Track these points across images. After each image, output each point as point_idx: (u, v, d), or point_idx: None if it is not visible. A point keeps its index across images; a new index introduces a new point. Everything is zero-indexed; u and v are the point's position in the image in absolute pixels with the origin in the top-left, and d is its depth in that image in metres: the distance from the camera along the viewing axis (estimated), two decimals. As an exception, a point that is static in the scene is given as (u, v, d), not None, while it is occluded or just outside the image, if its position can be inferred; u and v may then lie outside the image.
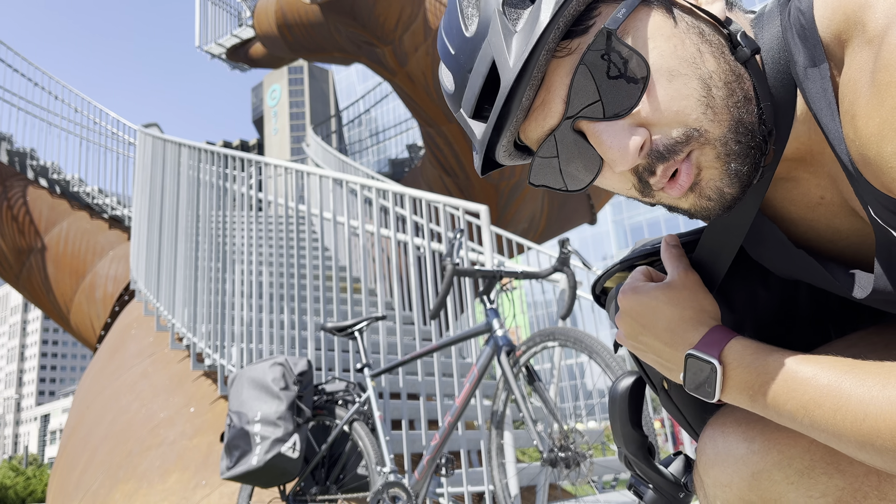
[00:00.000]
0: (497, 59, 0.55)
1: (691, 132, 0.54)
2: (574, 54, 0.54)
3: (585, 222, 10.04)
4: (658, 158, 0.55)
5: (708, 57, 0.54)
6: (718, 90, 0.54)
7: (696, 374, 0.60)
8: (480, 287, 2.38)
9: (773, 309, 0.72)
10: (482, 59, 0.56)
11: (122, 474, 3.97)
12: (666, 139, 0.54)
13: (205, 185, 4.60)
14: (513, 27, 0.54)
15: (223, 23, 11.08)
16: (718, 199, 0.56)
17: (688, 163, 0.55)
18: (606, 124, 0.55)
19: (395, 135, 15.20)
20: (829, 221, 0.62)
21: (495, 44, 0.55)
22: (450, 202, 3.59)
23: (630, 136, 0.54)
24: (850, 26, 0.51)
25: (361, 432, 2.44)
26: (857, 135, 0.50)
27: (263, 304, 3.81)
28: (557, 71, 0.55)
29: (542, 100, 0.56)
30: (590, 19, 0.54)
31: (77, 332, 7.92)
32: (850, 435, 0.51)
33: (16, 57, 8.36)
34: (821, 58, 0.53)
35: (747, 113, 0.55)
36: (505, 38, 0.54)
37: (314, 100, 70.54)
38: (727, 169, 0.55)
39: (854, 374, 0.52)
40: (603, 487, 4.42)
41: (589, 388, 4.11)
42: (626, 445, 0.75)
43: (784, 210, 0.65)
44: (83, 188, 8.17)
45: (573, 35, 0.54)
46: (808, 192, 0.62)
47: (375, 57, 7.81)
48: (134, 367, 5.02)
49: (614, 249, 58.42)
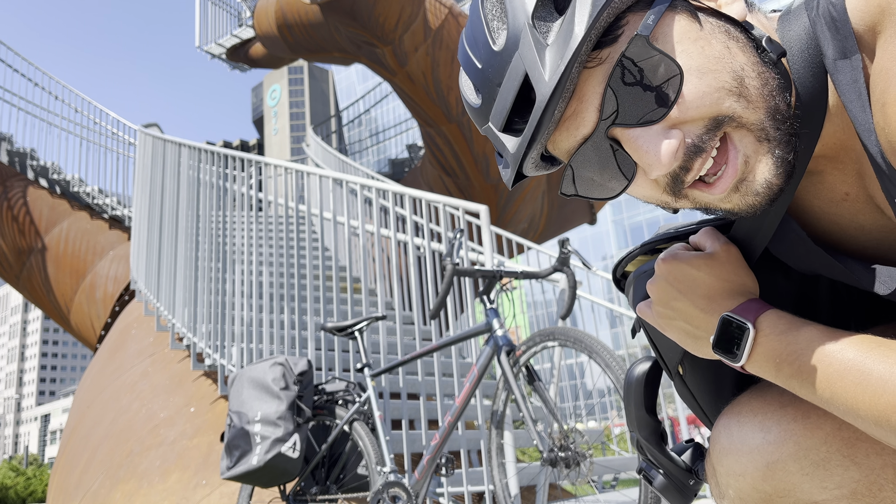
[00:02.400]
0: (531, 73, 0.55)
1: (721, 118, 0.54)
2: (605, 64, 0.55)
3: (585, 222, 10.04)
4: (694, 153, 0.55)
5: (737, 52, 0.55)
6: (752, 80, 0.54)
7: (728, 336, 0.61)
8: (480, 287, 2.38)
9: (791, 300, 0.72)
10: (513, 73, 0.56)
11: (122, 474, 3.97)
12: (698, 130, 0.54)
13: (205, 185, 4.60)
14: (544, 40, 0.55)
15: (223, 23, 11.09)
16: (766, 192, 0.56)
17: (734, 151, 0.55)
18: (641, 130, 0.55)
19: (395, 135, 15.19)
20: (853, 217, 0.62)
21: (528, 58, 0.55)
22: (450, 202, 3.59)
23: (665, 139, 0.54)
24: (884, 16, 0.52)
25: (361, 432, 2.44)
26: (886, 122, 0.51)
27: (263, 304, 3.82)
28: (589, 81, 0.55)
29: (574, 110, 0.56)
30: (618, 29, 0.55)
31: (77, 332, 7.92)
32: (867, 410, 0.52)
33: (16, 57, 8.36)
34: (853, 49, 0.54)
35: (782, 101, 0.55)
36: (538, 51, 0.54)
37: (314, 100, 70.54)
38: (773, 155, 0.55)
39: (879, 351, 0.53)
40: (603, 487, 4.42)
41: (589, 387, 4.11)
42: (640, 430, 0.76)
43: (808, 204, 0.65)
44: (83, 188, 8.17)
45: (603, 45, 0.55)
46: (834, 188, 0.62)
47: (375, 57, 7.81)
48: (134, 366, 5.02)
49: (614, 249, 58.42)
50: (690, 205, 0.60)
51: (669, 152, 0.54)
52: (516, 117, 0.58)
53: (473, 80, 0.60)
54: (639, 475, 0.79)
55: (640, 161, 0.55)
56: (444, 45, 7.44)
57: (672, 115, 0.54)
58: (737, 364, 0.60)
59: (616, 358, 1.97)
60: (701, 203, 0.59)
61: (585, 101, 0.56)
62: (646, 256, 0.77)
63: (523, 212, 8.68)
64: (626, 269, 0.79)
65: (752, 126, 0.54)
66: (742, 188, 0.56)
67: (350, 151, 17.17)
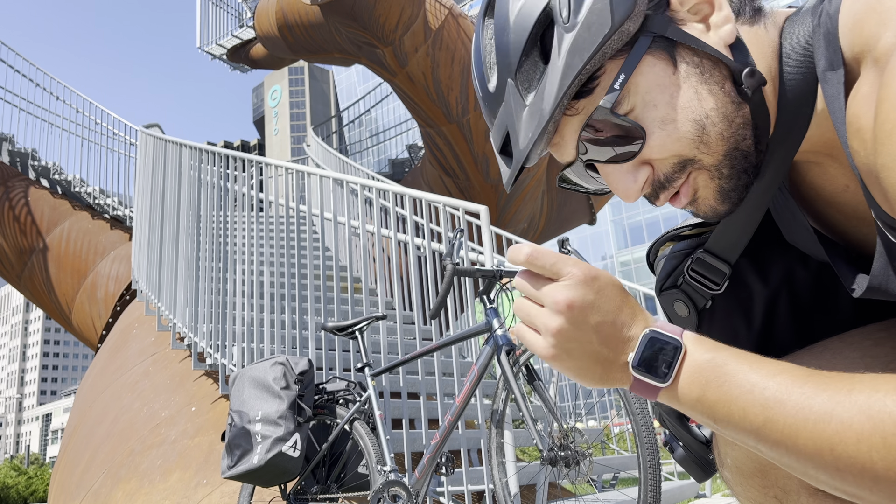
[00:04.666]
0: (510, 131, 0.62)
1: (685, 161, 0.60)
2: (581, 114, 0.60)
3: (585, 222, 10.04)
4: (660, 187, 0.62)
5: (706, 96, 0.59)
6: (715, 125, 0.59)
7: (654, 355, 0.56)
8: (480, 287, 2.39)
9: (810, 287, 0.75)
10: (500, 121, 0.63)
11: (123, 473, 3.98)
12: (665, 170, 0.61)
13: (206, 185, 4.61)
14: (524, 98, 0.60)
15: (224, 24, 11.10)
16: (713, 213, 0.64)
17: (686, 186, 0.62)
18: (613, 167, 0.62)
19: (396, 135, 15.20)
20: (854, 208, 0.64)
21: (509, 117, 0.62)
22: (450, 202, 3.60)
23: (634, 178, 0.61)
24: (863, 43, 0.54)
25: (362, 431, 2.45)
26: (862, 146, 0.53)
27: (264, 303, 3.83)
28: (568, 125, 0.61)
29: (557, 142, 0.63)
30: (595, 80, 0.59)
31: (79, 331, 7.94)
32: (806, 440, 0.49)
33: (17, 57, 8.37)
34: (838, 63, 0.56)
35: (743, 139, 0.60)
36: (516, 112, 0.61)
37: (315, 100, 70.51)
38: (718, 189, 0.61)
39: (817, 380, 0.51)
40: (602, 486, 4.43)
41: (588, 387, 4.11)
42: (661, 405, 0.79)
43: (817, 191, 0.68)
44: (85, 188, 8.19)
45: (581, 96, 0.59)
46: (836, 179, 0.65)
47: (375, 58, 7.82)
48: (135, 366, 5.03)
49: (614, 249, 58.36)
50: None
51: (635, 190, 0.61)
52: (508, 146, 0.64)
53: (479, 96, 0.66)
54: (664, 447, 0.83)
55: (614, 191, 0.63)
56: (445, 46, 7.45)
57: (640, 155, 0.60)
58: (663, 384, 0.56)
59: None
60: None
61: (566, 139, 0.62)
62: (672, 241, 0.82)
63: (523, 212, 8.69)
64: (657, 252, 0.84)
65: (709, 167, 0.60)
66: (694, 205, 0.64)
67: (350, 152, 17.18)
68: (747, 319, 0.76)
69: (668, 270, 0.79)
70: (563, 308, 0.57)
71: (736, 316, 0.76)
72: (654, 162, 0.60)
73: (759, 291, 0.75)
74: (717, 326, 0.77)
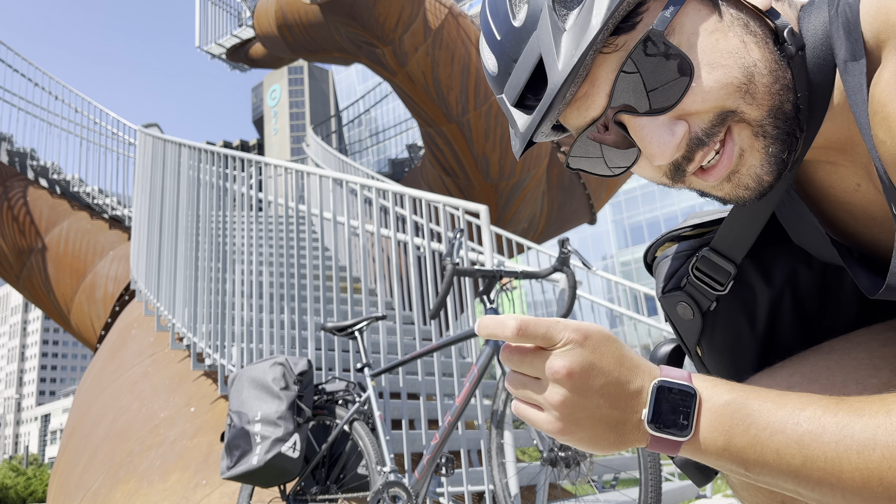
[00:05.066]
0: (545, 57, 0.55)
1: (726, 113, 0.55)
2: (620, 51, 0.55)
3: (585, 222, 10.04)
4: (697, 144, 0.56)
5: (753, 47, 0.55)
6: (763, 77, 0.55)
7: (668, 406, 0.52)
8: (480, 287, 2.38)
9: (814, 288, 0.73)
10: (529, 52, 0.56)
11: (122, 474, 3.97)
12: (703, 124, 0.55)
13: (205, 185, 4.60)
14: (562, 24, 0.54)
15: (223, 23, 11.09)
16: (756, 186, 0.57)
17: (731, 144, 0.56)
18: (648, 119, 0.56)
19: (395, 135, 15.20)
20: (865, 208, 0.63)
21: (544, 41, 0.55)
22: (450, 202, 3.59)
23: (671, 131, 0.55)
24: (889, 28, 0.52)
25: (362, 432, 2.44)
26: (888, 135, 0.50)
27: (263, 303, 3.82)
28: (603, 66, 0.55)
29: (586, 92, 0.57)
30: (637, 15, 0.55)
31: (77, 331, 7.92)
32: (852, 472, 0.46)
33: (16, 57, 8.36)
34: (860, 53, 0.54)
35: (786, 102, 0.56)
36: (554, 36, 0.54)
37: (314, 100, 70.52)
38: (766, 153, 0.56)
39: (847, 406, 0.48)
40: (603, 487, 4.43)
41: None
42: None
43: (825, 192, 0.66)
44: (83, 188, 8.17)
45: (621, 32, 0.55)
46: (847, 178, 0.63)
47: (375, 57, 7.81)
48: (134, 366, 5.02)
49: (614, 249, 58.40)
50: (685, 187, 0.61)
51: (673, 145, 0.55)
52: (529, 93, 0.58)
53: (492, 48, 0.61)
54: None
55: (644, 149, 0.56)
56: (444, 45, 7.44)
57: (680, 105, 0.55)
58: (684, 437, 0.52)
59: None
60: (695, 187, 0.61)
61: (597, 86, 0.56)
62: (672, 243, 0.79)
63: (523, 212, 8.68)
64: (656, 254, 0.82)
65: (752, 122, 0.55)
66: (734, 179, 0.57)
67: (350, 151, 17.18)
68: (751, 321, 0.74)
69: (670, 272, 0.77)
70: (564, 377, 0.53)
71: (739, 318, 0.75)
72: (692, 117, 0.55)
73: (763, 292, 0.73)
74: (720, 329, 0.75)
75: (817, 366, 0.66)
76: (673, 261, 0.77)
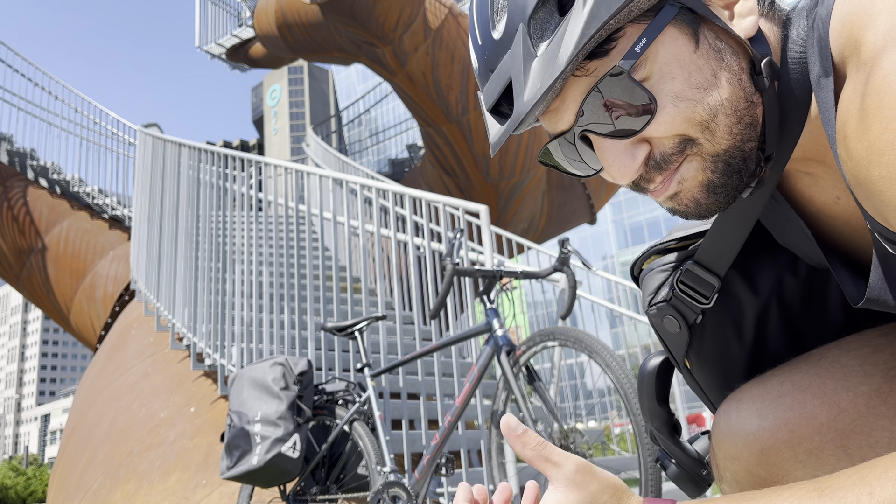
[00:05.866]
0: (514, 81, 0.56)
1: (687, 141, 0.57)
2: (590, 77, 0.56)
3: (585, 222, 10.04)
4: (655, 168, 0.58)
5: (724, 83, 0.56)
6: (727, 117, 0.56)
7: None
8: (480, 287, 2.38)
9: (800, 296, 0.73)
10: (502, 70, 0.58)
11: (122, 474, 3.97)
12: (664, 148, 0.57)
13: (205, 185, 4.60)
14: (534, 49, 0.55)
15: (223, 23, 11.08)
16: (695, 208, 0.60)
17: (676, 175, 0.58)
18: (611, 141, 0.57)
19: (395, 135, 15.19)
20: (846, 219, 0.63)
21: (515, 65, 0.56)
22: (450, 202, 3.59)
23: (632, 155, 0.57)
24: (851, 44, 0.51)
25: (361, 432, 2.44)
26: (849, 156, 0.51)
27: (263, 304, 3.82)
28: (573, 87, 0.57)
29: (556, 107, 0.58)
30: (612, 41, 0.55)
31: (77, 332, 7.92)
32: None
33: (16, 57, 8.36)
34: (829, 70, 0.54)
35: (748, 140, 0.57)
36: (524, 61, 0.55)
37: (314, 100, 70.51)
38: (706, 182, 0.58)
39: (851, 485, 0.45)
40: (603, 487, 4.42)
41: (589, 387, 4.11)
42: (652, 420, 0.79)
43: (807, 203, 0.66)
44: (83, 188, 8.17)
45: (594, 56, 0.55)
46: (826, 191, 0.63)
47: (375, 57, 7.81)
48: (134, 366, 5.02)
49: (614, 249, 58.41)
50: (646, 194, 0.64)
51: (633, 168, 0.57)
52: (504, 101, 0.59)
53: (474, 49, 0.62)
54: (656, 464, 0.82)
55: (606, 168, 0.59)
56: (444, 45, 7.44)
57: (644, 131, 0.56)
58: None
59: (616, 358, 1.97)
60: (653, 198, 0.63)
61: (566, 104, 0.58)
62: (658, 255, 0.79)
63: (523, 212, 8.68)
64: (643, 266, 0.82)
65: (706, 156, 0.57)
66: (675, 199, 0.60)
67: (350, 151, 17.17)
68: (738, 332, 0.74)
69: (655, 285, 0.77)
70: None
71: (727, 329, 0.75)
72: (654, 140, 0.57)
73: (750, 302, 0.73)
74: (707, 341, 0.75)
75: (808, 373, 0.66)
76: (658, 274, 0.77)
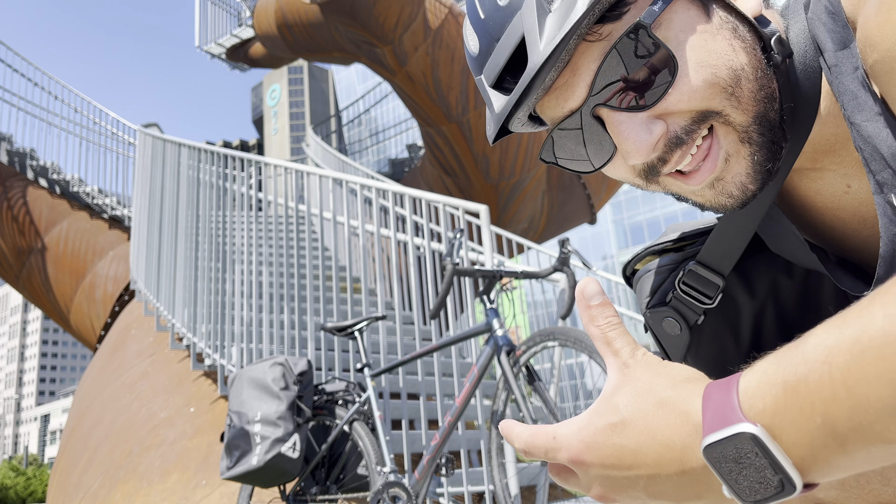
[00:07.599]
0: (527, 36, 0.53)
1: (708, 113, 0.53)
2: (605, 41, 0.53)
3: (585, 222, 10.04)
4: (675, 144, 0.54)
5: (740, 51, 0.54)
6: (749, 82, 0.54)
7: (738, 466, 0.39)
8: (480, 287, 2.38)
9: (795, 298, 0.72)
10: (511, 32, 0.55)
11: (122, 474, 3.97)
12: (682, 123, 0.54)
13: (205, 185, 4.60)
14: (548, 5, 0.53)
15: (223, 23, 11.08)
16: (740, 195, 0.55)
17: (717, 147, 0.54)
18: (627, 115, 0.54)
19: (395, 135, 15.19)
20: (855, 210, 0.62)
21: (528, 20, 0.54)
22: (450, 202, 3.59)
23: (649, 129, 0.53)
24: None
25: (361, 432, 2.44)
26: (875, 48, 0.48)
27: (263, 304, 3.81)
28: (586, 55, 0.54)
29: (566, 80, 0.55)
30: (625, 6, 0.53)
31: (77, 332, 7.92)
32: None
33: (15, 57, 8.36)
34: (850, 38, 0.53)
35: (772, 110, 0.55)
36: (539, 16, 0.53)
37: (314, 100, 70.50)
38: (752, 160, 0.54)
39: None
40: (603, 487, 4.42)
41: (589, 387, 4.11)
42: None
43: (810, 200, 0.65)
44: (83, 188, 8.17)
45: (606, 20, 0.53)
46: (834, 182, 0.62)
47: (375, 57, 7.81)
48: (134, 367, 5.02)
49: (614, 249, 58.41)
50: (661, 190, 0.60)
51: (649, 144, 0.53)
52: (508, 75, 0.57)
53: (475, 27, 0.60)
54: None
55: (620, 146, 0.55)
56: (444, 45, 7.44)
57: (660, 105, 0.53)
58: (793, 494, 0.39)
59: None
60: (672, 191, 0.59)
61: (578, 75, 0.55)
62: (654, 256, 0.78)
63: (523, 212, 8.68)
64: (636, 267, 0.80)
65: (737, 126, 0.54)
66: (717, 186, 0.56)
67: (350, 151, 17.17)
68: (735, 335, 0.73)
69: (654, 287, 0.75)
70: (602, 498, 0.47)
71: (724, 332, 0.74)
72: (672, 116, 0.54)
73: (746, 305, 0.72)
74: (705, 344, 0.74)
75: None
76: (656, 275, 0.76)
